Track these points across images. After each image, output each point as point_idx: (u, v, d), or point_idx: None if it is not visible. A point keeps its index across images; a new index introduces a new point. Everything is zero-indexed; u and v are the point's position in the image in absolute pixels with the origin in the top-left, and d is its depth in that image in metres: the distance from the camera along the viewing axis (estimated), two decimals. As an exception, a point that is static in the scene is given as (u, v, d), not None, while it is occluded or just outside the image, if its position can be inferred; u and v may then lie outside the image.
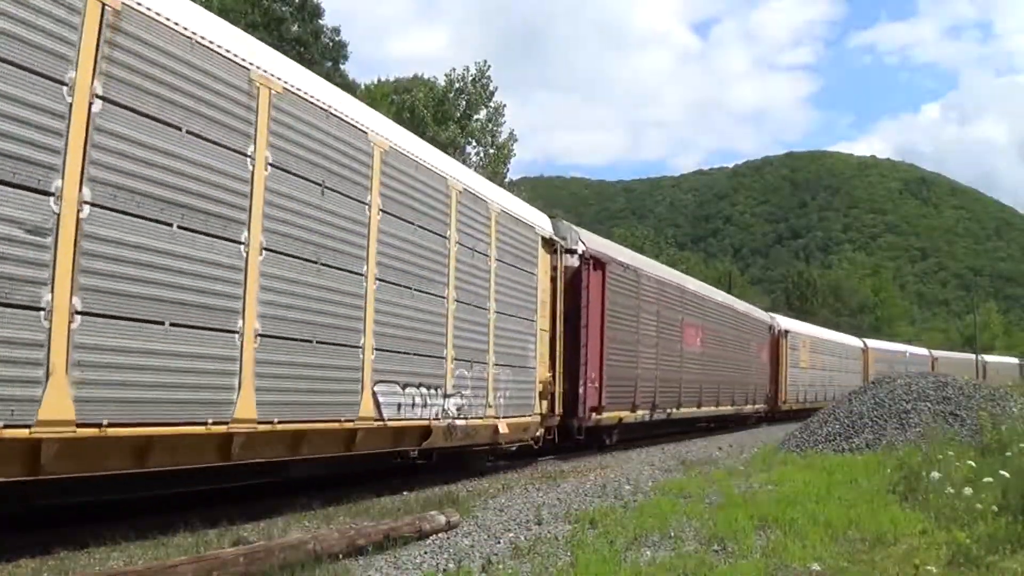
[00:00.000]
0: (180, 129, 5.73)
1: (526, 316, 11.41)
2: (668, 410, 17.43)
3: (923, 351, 47.31)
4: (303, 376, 6.88)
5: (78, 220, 4.97)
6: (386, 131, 8.52)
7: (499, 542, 5.97)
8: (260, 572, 4.63)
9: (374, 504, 7.86)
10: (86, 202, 5.03)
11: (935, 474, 7.38)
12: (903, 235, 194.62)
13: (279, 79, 6.77)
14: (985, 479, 6.71)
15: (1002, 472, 6.64)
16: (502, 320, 10.66)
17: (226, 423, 6.05)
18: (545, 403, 11.91)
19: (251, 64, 6.46)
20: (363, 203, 7.84)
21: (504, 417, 10.61)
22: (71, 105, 4.94)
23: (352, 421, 7.52)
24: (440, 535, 6.15)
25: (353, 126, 7.76)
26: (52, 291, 4.80)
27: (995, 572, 4.84)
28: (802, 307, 72.13)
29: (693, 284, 21.10)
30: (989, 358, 56.99)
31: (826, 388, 30.78)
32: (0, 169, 4.55)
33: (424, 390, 8.74)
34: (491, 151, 37.02)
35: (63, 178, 4.88)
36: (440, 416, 9.04)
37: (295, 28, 34.21)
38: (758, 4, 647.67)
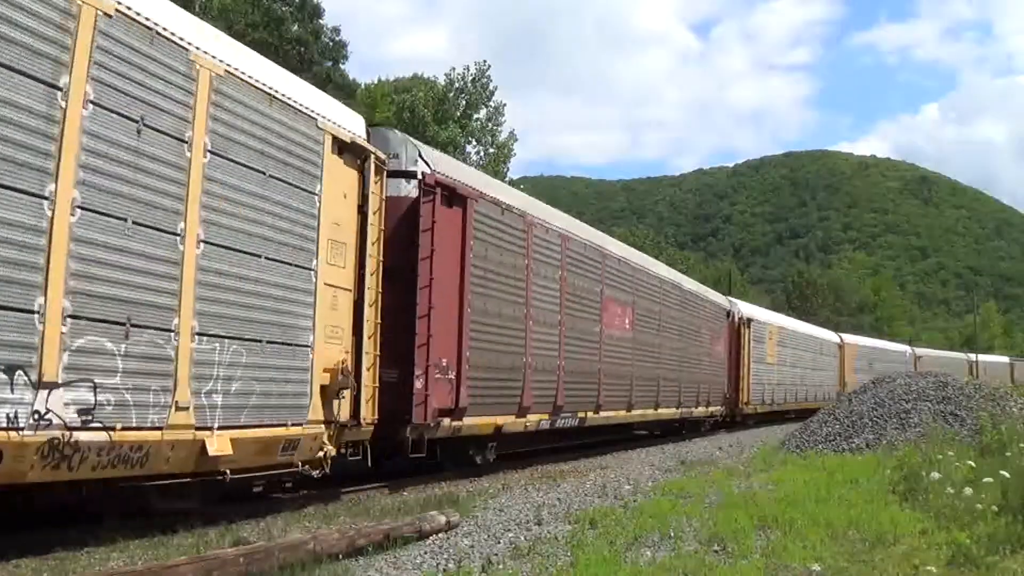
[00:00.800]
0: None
1: (291, 260, 7.16)
2: (581, 414, 13.06)
3: (904, 347, 45.61)
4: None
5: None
6: None
7: (499, 542, 5.97)
8: (260, 572, 4.63)
9: (374, 504, 7.85)
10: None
11: (935, 474, 7.39)
12: (903, 235, 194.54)
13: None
14: (985, 479, 6.73)
15: (1002, 472, 6.65)
16: (225, 259, 6.43)
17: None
18: (341, 403, 7.64)
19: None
20: None
21: (227, 427, 6.30)
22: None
23: None
24: (440, 535, 6.14)
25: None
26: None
27: (995, 572, 4.85)
28: (802, 307, 72.11)
29: (619, 248, 16.16)
30: (984, 357, 56.44)
31: (796, 388, 27.67)
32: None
33: None
34: (491, 150, 37.04)
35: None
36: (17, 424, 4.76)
37: (295, 28, 34.20)
38: (757, 5, 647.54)
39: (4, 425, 4.66)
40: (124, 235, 5.51)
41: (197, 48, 6.22)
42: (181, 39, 6.07)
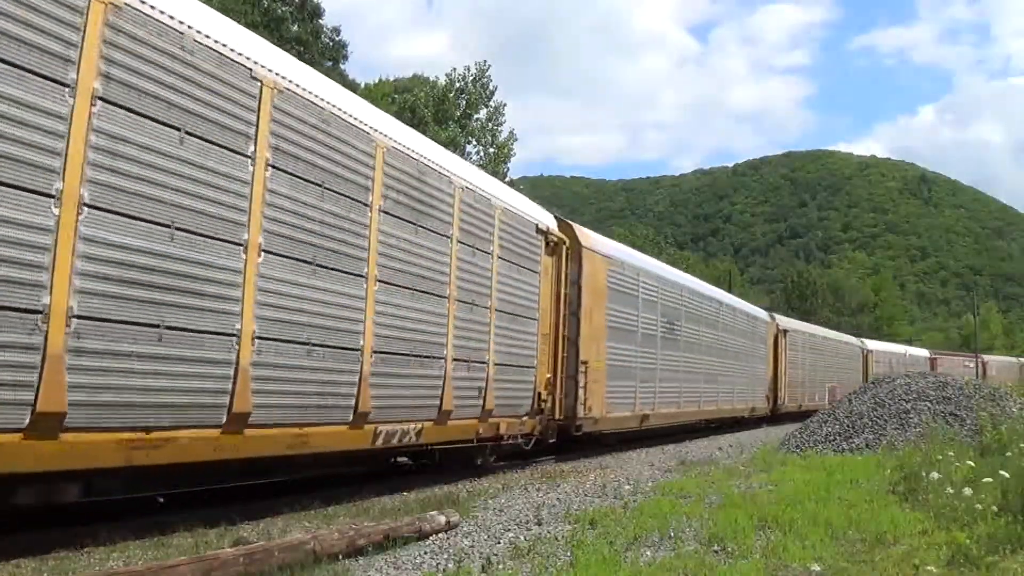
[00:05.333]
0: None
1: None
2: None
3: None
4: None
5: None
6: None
7: (499, 542, 5.97)
8: (260, 572, 4.63)
9: (374, 504, 7.85)
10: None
11: (935, 474, 7.38)
12: (903, 235, 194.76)
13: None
14: (985, 479, 6.72)
15: (1002, 472, 6.65)
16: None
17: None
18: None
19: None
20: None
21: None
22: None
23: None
24: (440, 535, 6.14)
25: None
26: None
27: (995, 572, 4.84)
28: (802, 307, 72.15)
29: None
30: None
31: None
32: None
33: None
34: (491, 150, 37.07)
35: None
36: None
37: (295, 28, 34.21)
38: (756, 7, 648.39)
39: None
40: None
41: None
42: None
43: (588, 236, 13.74)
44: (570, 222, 13.47)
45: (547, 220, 12.11)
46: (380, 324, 7.85)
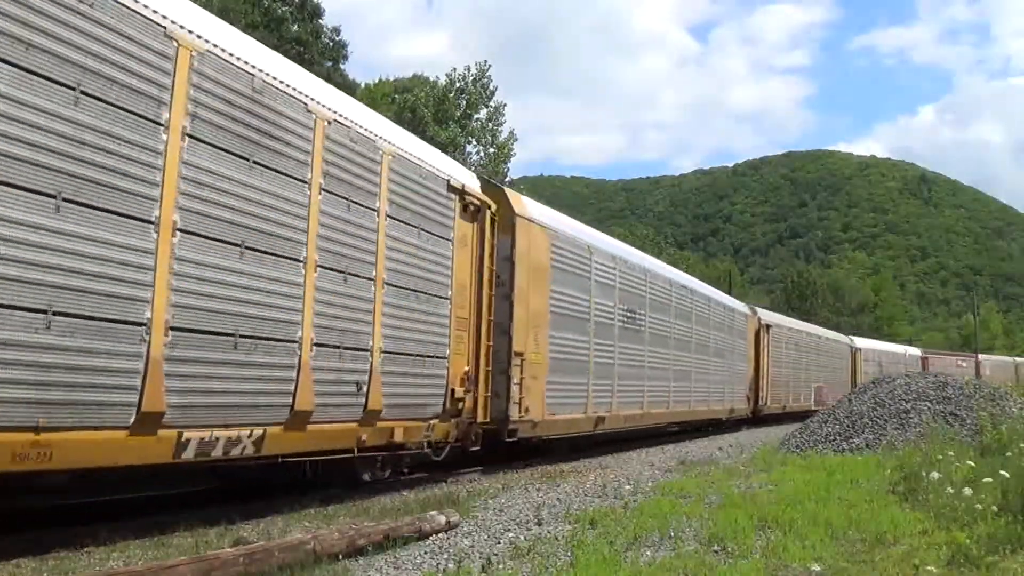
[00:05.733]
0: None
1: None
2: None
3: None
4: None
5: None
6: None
7: (499, 542, 5.97)
8: (260, 572, 4.63)
9: (374, 504, 7.85)
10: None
11: (935, 474, 7.38)
12: (903, 235, 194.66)
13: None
14: (985, 479, 6.72)
15: (1002, 472, 6.65)
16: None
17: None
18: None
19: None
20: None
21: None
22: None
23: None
24: (440, 535, 6.14)
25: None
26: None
27: (995, 572, 4.84)
28: (801, 307, 72.12)
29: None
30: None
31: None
32: None
33: None
34: (491, 150, 37.07)
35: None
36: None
37: (295, 28, 34.19)
38: (755, 8, 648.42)
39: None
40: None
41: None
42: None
43: (524, 204, 11.62)
44: (501, 186, 11.60)
45: (464, 177, 10.00)
46: (180, 291, 5.75)
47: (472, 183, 10.16)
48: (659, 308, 16.36)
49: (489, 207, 10.30)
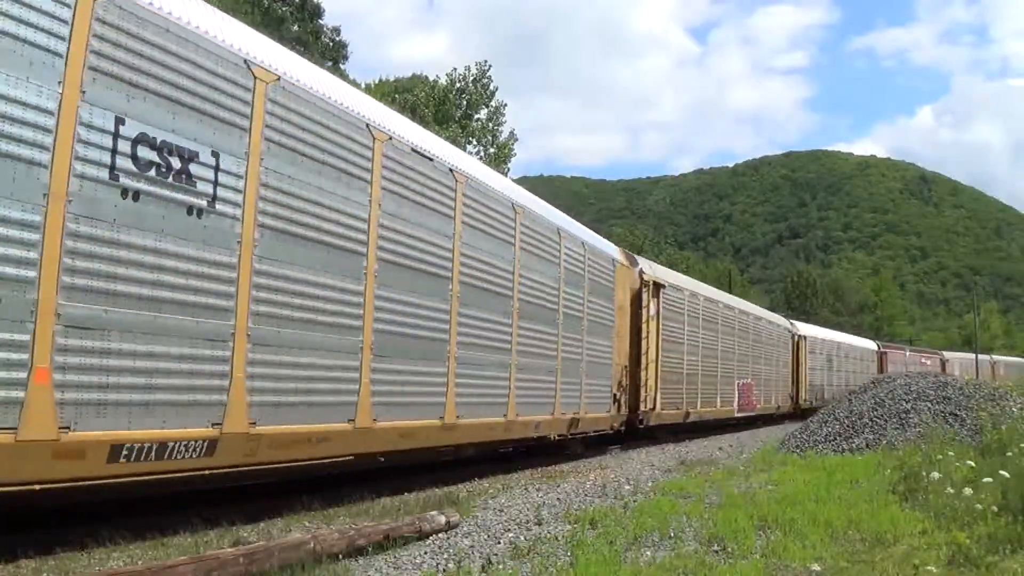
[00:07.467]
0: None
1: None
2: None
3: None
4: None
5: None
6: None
7: (499, 542, 5.97)
8: (260, 572, 4.63)
9: (374, 504, 7.85)
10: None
11: (935, 474, 7.38)
12: (903, 235, 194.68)
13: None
14: (985, 479, 6.72)
15: (1002, 472, 6.65)
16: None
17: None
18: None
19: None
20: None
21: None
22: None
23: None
24: (440, 535, 6.14)
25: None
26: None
27: (995, 572, 4.84)
28: (801, 307, 72.13)
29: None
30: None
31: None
32: None
33: None
34: (492, 150, 37.05)
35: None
36: None
37: (295, 28, 34.22)
38: (755, 9, 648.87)
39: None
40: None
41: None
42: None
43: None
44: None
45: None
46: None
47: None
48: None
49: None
